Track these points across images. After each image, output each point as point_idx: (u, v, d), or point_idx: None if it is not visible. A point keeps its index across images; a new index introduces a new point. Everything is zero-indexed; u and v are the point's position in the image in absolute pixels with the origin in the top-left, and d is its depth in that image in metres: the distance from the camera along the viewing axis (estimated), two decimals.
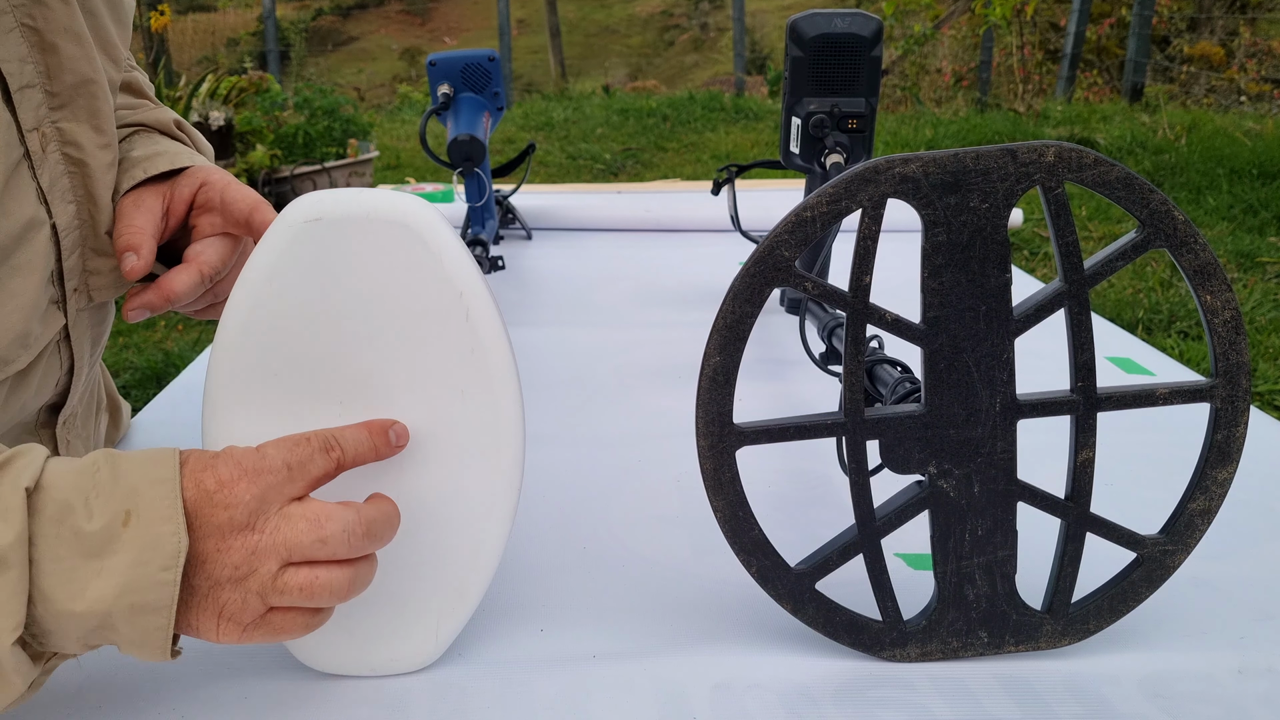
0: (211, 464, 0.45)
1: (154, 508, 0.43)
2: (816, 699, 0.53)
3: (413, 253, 0.50)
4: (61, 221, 0.59)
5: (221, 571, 0.44)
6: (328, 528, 0.45)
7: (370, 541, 0.47)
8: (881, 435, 0.53)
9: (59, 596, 0.42)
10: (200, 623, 0.45)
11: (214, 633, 0.45)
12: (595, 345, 1.03)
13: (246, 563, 0.44)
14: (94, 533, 0.42)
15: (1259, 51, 6.45)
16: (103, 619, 0.42)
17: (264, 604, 0.45)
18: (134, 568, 0.42)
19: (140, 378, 2.73)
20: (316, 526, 0.45)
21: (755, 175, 1.96)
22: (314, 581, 0.45)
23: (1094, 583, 0.56)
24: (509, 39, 7.09)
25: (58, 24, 0.56)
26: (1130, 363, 0.97)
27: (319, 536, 0.45)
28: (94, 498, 0.43)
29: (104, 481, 0.44)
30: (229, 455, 0.46)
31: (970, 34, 6.74)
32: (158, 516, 0.43)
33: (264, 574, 0.45)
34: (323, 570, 0.46)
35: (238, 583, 0.45)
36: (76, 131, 0.59)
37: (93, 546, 0.42)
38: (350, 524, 0.46)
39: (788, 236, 0.50)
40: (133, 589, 0.42)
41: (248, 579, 0.45)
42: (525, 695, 0.53)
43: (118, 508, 0.43)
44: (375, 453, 0.49)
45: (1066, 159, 0.50)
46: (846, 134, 0.96)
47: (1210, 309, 0.52)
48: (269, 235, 0.51)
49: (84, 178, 0.60)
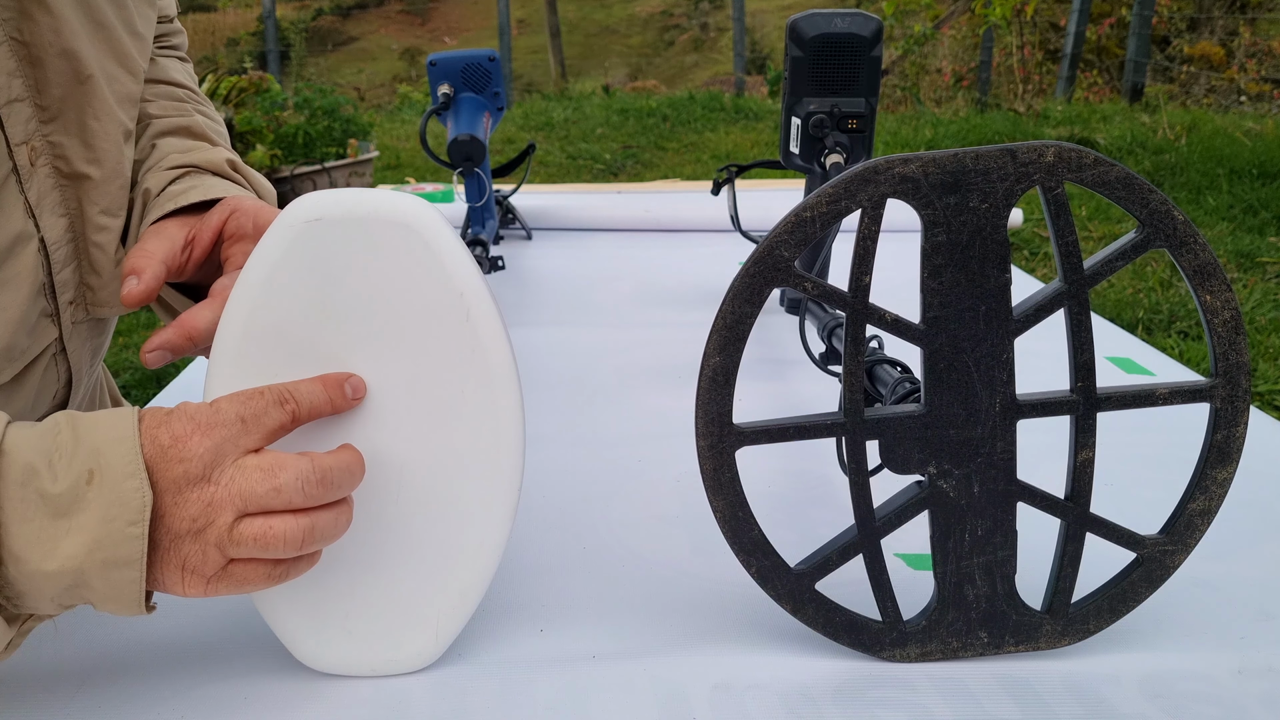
0: (165, 420, 0.46)
1: (116, 465, 0.44)
2: (816, 699, 0.53)
3: (413, 253, 0.50)
4: (52, 236, 0.58)
5: (180, 525, 0.45)
6: (281, 476, 0.46)
7: (327, 490, 0.47)
8: (881, 435, 0.53)
9: (30, 557, 0.43)
10: (165, 576, 0.46)
11: (180, 586, 0.46)
12: (595, 345, 1.03)
13: (203, 515, 0.45)
14: (59, 494, 0.43)
15: (1259, 51, 6.45)
16: (75, 576, 0.43)
17: (223, 556, 0.46)
18: (102, 524, 0.43)
19: (140, 378, 2.73)
20: (270, 475, 0.46)
21: (755, 175, 1.96)
22: (268, 531, 0.46)
23: (1094, 583, 0.56)
24: (509, 39, 7.09)
25: (44, 39, 0.56)
26: (1130, 363, 0.97)
27: (273, 486, 0.46)
28: (57, 459, 0.44)
29: (65, 443, 0.44)
30: (182, 411, 0.47)
31: (970, 34, 6.74)
32: (121, 473, 0.44)
33: (220, 525, 0.45)
34: (277, 520, 0.46)
35: (195, 535, 0.45)
36: (66, 145, 0.59)
37: (59, 506, 0.43)
38: (305, 472, 0.46)
39: (787, 236, 0.51)
40: (103, 545, 0.43)
41: (205, 531, 0.45)
42: (525, 695, 0.53)
43: (81, 467, 0.44)
44: (331, 405, 0.50)
45: (1066, 159, 0.50)
46: (846, 134, 0.96)
47: (1210, 309, 0.52)
48: (269, 235, 0.51)
49: (76, 191, 0.60)
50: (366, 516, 0.52)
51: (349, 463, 0.49)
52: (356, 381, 0.51)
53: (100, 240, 0.62)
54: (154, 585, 0.46)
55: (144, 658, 0.56)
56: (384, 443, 0.52)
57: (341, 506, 0.49)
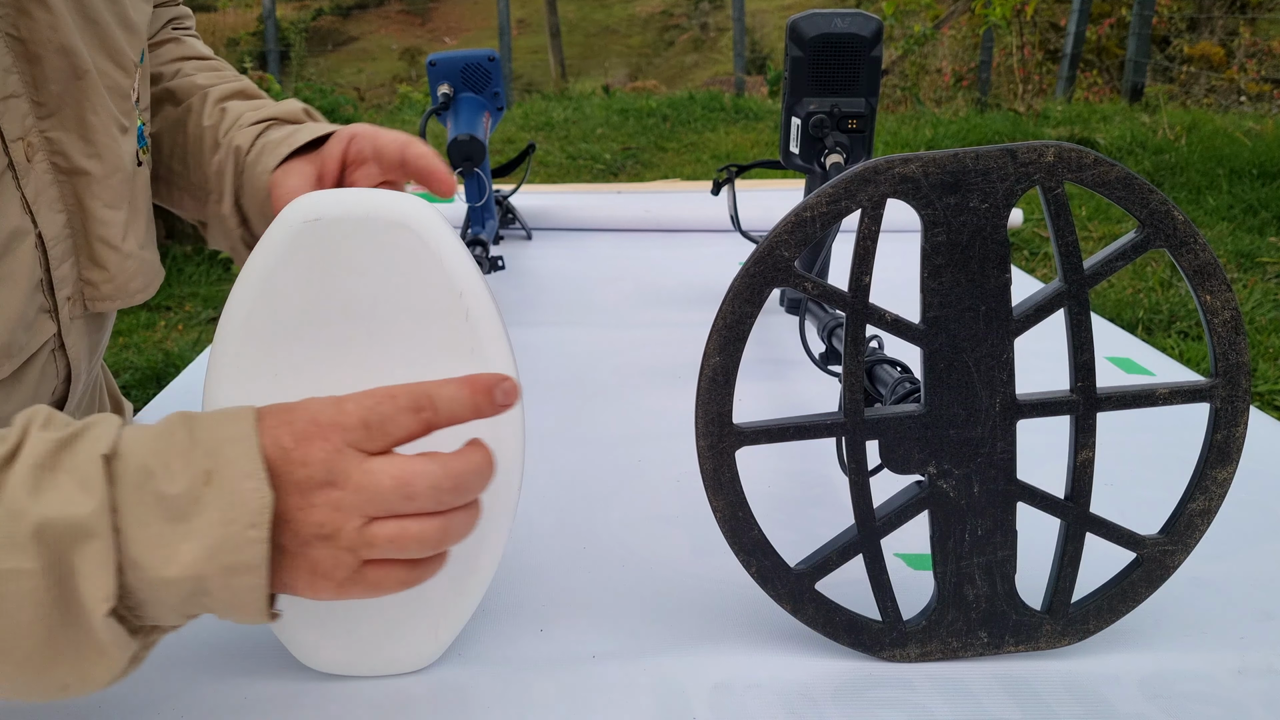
0: (288, 419, 0.44)
1: (233, 465, 0.42)
2: (816, 699, 0.53)
3: (413, 253, 0.50)
4: (49, 231, 0.58)
5: (306, 530, 0.43)
6: (416, 484, 0.43)
7: (459, 495, 0.45)
8: (881, 435, 0.53)
9: (150, 563, 0.41)
10: (295, 581, 0.44)
11: (310, 589, 0.44)
12: (595, 345, 1.03)
13: (330, 520, 0.43)
14: (177, 495, 0.41)
15: (1259, 51, 6.45)
16: (197, 583, 0.41)
17: (357, 559, 0.44)
18: (221, 526, 0.41)
19: (140, 378, 2.73)
20: (402, 483, 0.43)
21: (755, 175, 1.96)
22: (403, 533, 0.44)
23: (1094, 583, 0.56)
24: (509, 39, 7.09)
25: (42, 35, 0.56)
26: (1130, 363, 0.97)
27: (405, 493, 0.43)
28: (173, 460, 0.42)
29: (181, 443, 0.42)
30: (305, 409, 0.44)
31: (970, 34, 6.74)
32: (238, 473, 0.42)
33: (350, 530, 0.43)
34: (411, 521, 0.44)
35: (325, 539, 0.43)
36: (65, 141, 0.59)
37: (177, 510, 0.41)
38: (437, 478, 0.44)
39: (787, 236, 0.50)
40: (223, 549, 0.41)
41: (335, 536, 0.43)
42: (525, 695, 0.53)
43: (198, 468, 0.42)
44: (475, 412, 0.45)
45: (1066, 159, 0.50)
46: (846, 134, 0.96)
47: (1210, 309, 0.52)
48: (268, 235, 0.51)
49: (74, 187, 0.60)
50: None
51: (480, 464, 0.45)
52: (509, 386, 0.46)
53: (105, 234, 0.62)
54: (282, 589, 0.44)
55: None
56: None
57: (473, 505, 0.46)
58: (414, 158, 0.63)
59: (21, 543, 0.39)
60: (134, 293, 0.66)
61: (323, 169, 0.65)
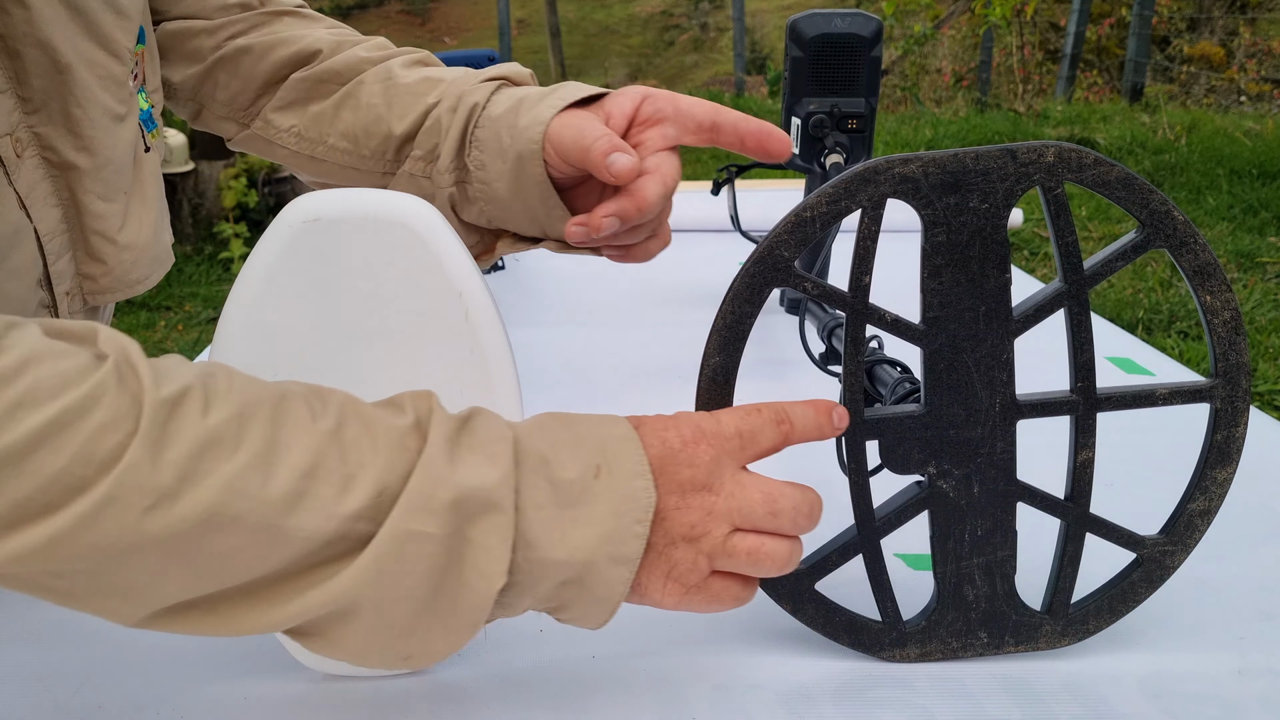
0: (673, 424, 0.47)
1: (625, 463, 0.45)
2: (816, 699, 0.53)
3: (412, 253, 0.50)
4: (45, 226, 0.58)
5: (678, 529, 0.46)
6: (781, 503, 0.47)
7: (810, 524, 0.49)
8: (881, 435, 0.53)
9: (542, 543, 0.43)
10: (648, 581, 0.46)
11: (659, 591, 0.47)
12: (595, 345, 1.03)
13: (702, 522, 0.46)
14: (570, 482, 0.44)
15: (1259, 51, 6.45)
16: (579, 569, 0.43)
17: (709, 566, 0.47)
18: (614, 518, 0.44)
19: None
20: (769, 499, 0.47)
21: (755, 175, 1.96)
22: (760, 548, 0.47)
23: (1094, 583, 0.56)
24: (509, 39, 7.09)
25: (18, 29, 0.55)
26: (1130, 363, 0.97)
27: (771, 509, 0.47)
28: (563, 450, 0.45)
29: (565, 437, 0.45)
30: (687, 417, 0.48)
31: (970, 34, 6.74)
32: (629, 471, 0.45)
33: (716, 535, 0.46)
34: (769, 539, 0.47)
35: (691, 542, 0.46)
36: (53, 135, 0.58)
37: (568, 496, 0.44)
38: (800, 502, 0.48)
39: (787, 237, 0.50)
40: (612, 539, 0.44)
41: (700, 539, 0.46)
42: (525, 695, 0.53)
43: (588, 461, 0.44)
44: (820, 432, 0.50)
45: (1066, 159, 0.50)
46: (846, 134, 0.96)
47: (1210, 309, 0.52)
48: (268, 235, 0.50)
49: (67, 181, 0.59)
50: None
51: (821, 502, 0.50)
52: (842, 412, 0.51)
53: (101, 228, 0.62)
54: (633, 590, 0.46)
55: (144, 658, 0.56)
56: None
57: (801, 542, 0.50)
58: (734, 120, 0.60)
59: (436, 508, 0.41)
60: (134, 283, 0.65)
61: (608, 122, 0.62)
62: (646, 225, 0.63)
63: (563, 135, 0.60)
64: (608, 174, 0.57)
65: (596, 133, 0.59)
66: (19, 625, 0.59)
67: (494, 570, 0.42)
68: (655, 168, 0.60)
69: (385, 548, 0.40)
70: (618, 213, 0.59)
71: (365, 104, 0.69)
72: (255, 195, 3.83)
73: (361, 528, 0.40)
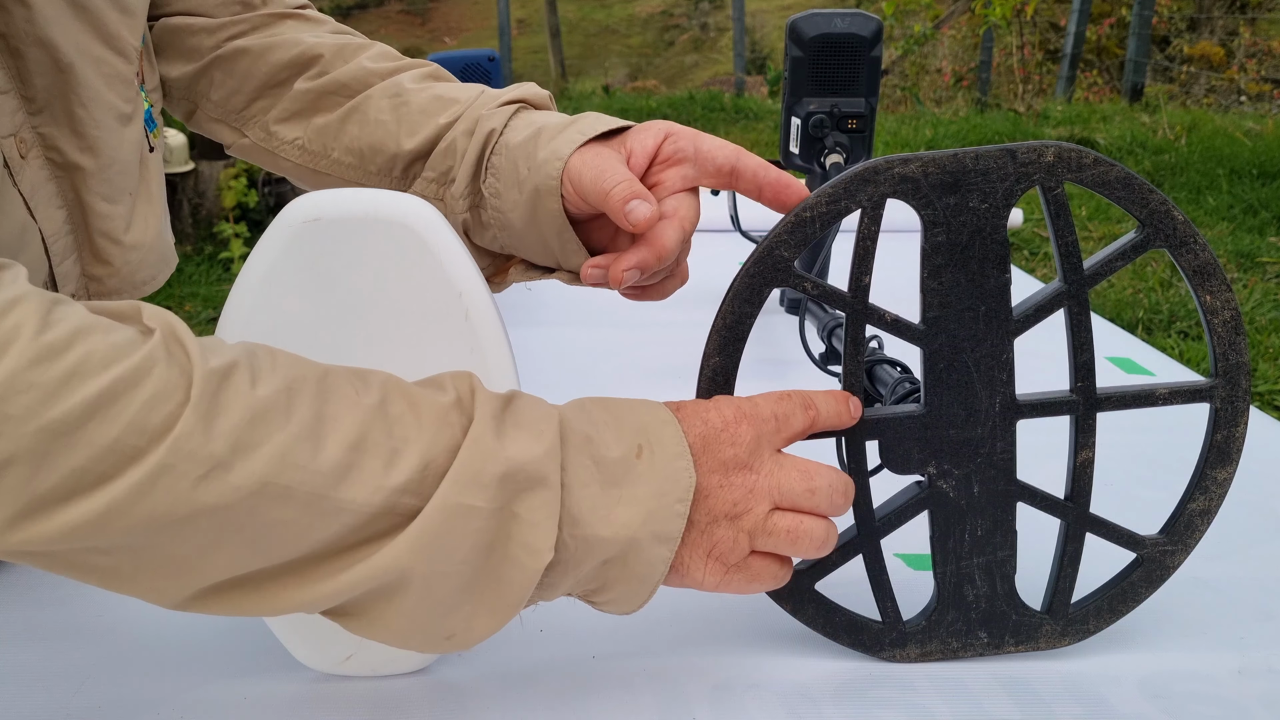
0: (713, 405, 0.49)
1: (667, 444, 0.46)
2: (816, 699, 0.53)
3: (412, 252, 0.50)
4: (50, 228, 0.58)
5: (720, 507, 0.47)
6: (817, 480, 0.49)
7: (846, 504, 0.50)
8: (881, 435, 0.53)
9: (588, 520, 0.44)
10: (690, 560, 0.47)
11: (701, 570, 0.47)
12: (595, 345, 1.03)
13: (743, 500, 0.47)
14: (614, 460, 0.45)
15: (1259, 51, 6.45)
16: (624, 546, 0.44)
17: (750, 545, 0.48)
18: (656, 498, 0.45)
19: None
20: (807, 478, 0.48)
21: None
22: (799, 526, 0.48)
23: (1094, 583, 0.56)
24: (509, 39, 7.09)
25: (19, 29, 0.55)
26: (1130, 363, 0.97)
27: (809, 487, 0.48)
28: (605, 431, 0.46)
29: (605, 419, 0.46)
30: (726, 400, 0.50)
31: (970, 34, 6.74)
32: (671, 452, 0.46)
33: (757, 514, 0.47)
34: (808, 519, 0.49)
35: (733, 520, 0.47)
36: (57, 136, 0.58)
37: (612, 475, 0.45)
38: (836, 481, 0.49)
39: (787, 237, 0.50)
40: (655, 518, 0.45)
41: (742, 517, 0.47)
42: (525, 695, 0.53)
43: (630, 442, 0.46)
44: (840, 419, 0.51)
45: (1066, 159, 0.50)
46: (846, 134, 0.96)
47: (1210, 309, 0.52)
48: (268, 236, 0.50)
49: (72, 182, 0.59)
50: None
51: (853, 483, 0.51)
52: (857, 401, 0.52)
53: (106, 229, 0.61)
54: (673, 571, 0.47)
55: (144, 658, 0.56)
56: None
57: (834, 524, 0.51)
58: (754, 167, 0.59)
59: (486, 482, 0.41)
60: (140, 284, 0.65)
61: (630, 161, 0.60)
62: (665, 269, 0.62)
63: (583, 175, 0.58)
64: (626, 222, 0.55)
65: (618, 177, 0.57)
66: (19, 625, 0.59)
67: (542, 545, 0.42)
68: (674, 211, 0.59)
69: (434, 520, 0.41)
70: (638, 265, 0.57)
71: (373, 119, 0.68)
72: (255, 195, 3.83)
73: (408, 501, 0.41)
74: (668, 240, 0.57)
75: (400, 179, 0.68)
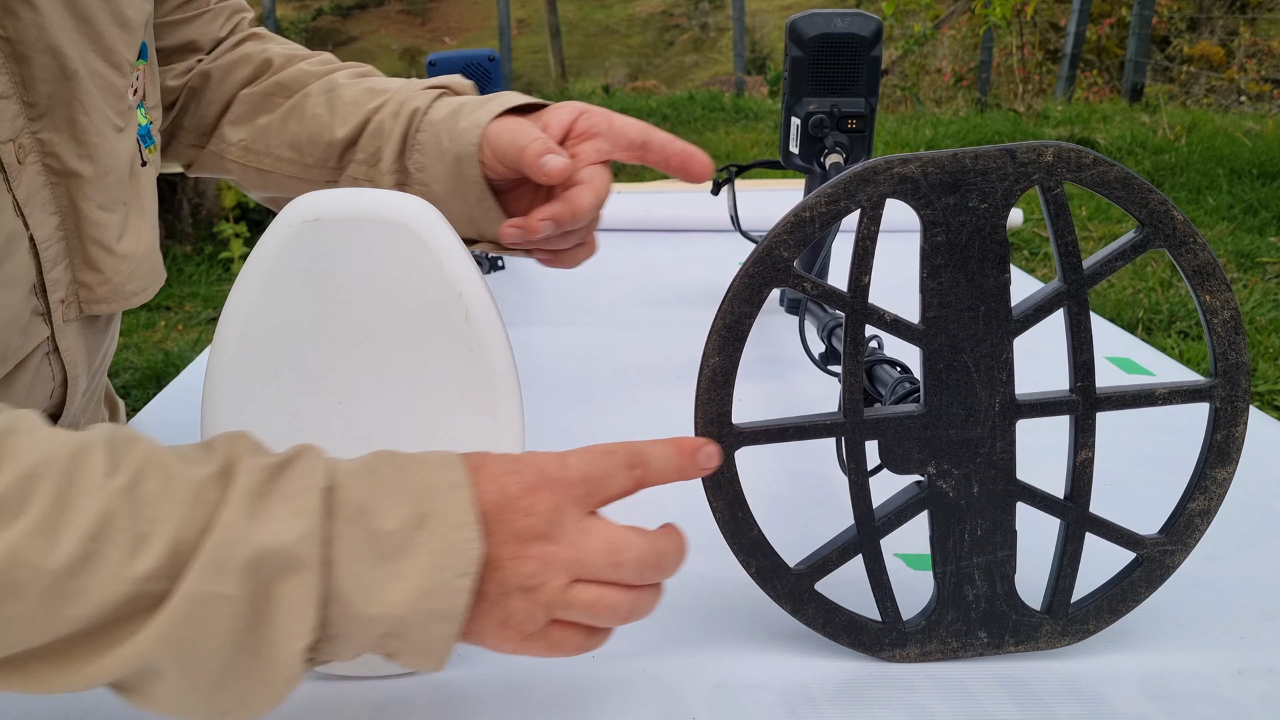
0: (514, 468, 0.45)
1: (450, 512, 0.42)
2: (816, 699, 0.53)
3: (412, 252, 0.50)
4: (42, 234, 0.58)
5: (513, 580, 0.43)
6: (625, 554, 0.45)
7: (657, 574, 0.46)
8: (881, 435, 0.53)
9: (356, 599, 0.41)
10: (482, 629, 0.44)
11: (495, 639, 0.45)
12: (595, 345, 1.03)
13: (539, 573, 0.43)
14: (390, 533, 0.41)
15: (1259, 51, 6.46)
16: (396, 624, 0.41)
17: (547, 616, 0.44)
18: (432, 572, 0.41)
19: (140, 378, 2.73)
20: (613, 551, 0.45)
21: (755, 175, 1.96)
22: (601, 599, 0.45)
23: (1094, 583, 0.56)
24: (509, 39, 7.09)
25: (29, 35, 0.55)
26: (1130, 363, 0.97)
27: (614, 561, 0.44)
28: (386, 499, 0.42)
29: (392, 483, 0.43)
30: (532, 460, 0.45)
31: (970, 34, 6.74)
32: (454, 521, 0.42)
33: (554, 586, 0.44)
34: (610, 591, 0.45)
35: (528, 592, 0.44)
36: (56, 142, 0.58)
37: (387, 548, 0.41)
38: (644, 553, 0.45)
39: (786, 237, 0.50)
40: (431, 594, 0.41)
41: (538, 590, 0.44)
42: (525, 695, 0.53)
43: (411, 510, 0.42)
44: (681, 473, 0.48)
45: (1065, 159, 0.50)
46: (846, 134, 0.96)
47: (1210, 309, 0.52)
48: (267, 235, 0.50)
49: (68, 189, 0.59)
50: None
51: (680, 549, 0.47)
52: (712, 450, 0.49)
53: (99, 236, 0.62)
54: (464, 637, 0.44)
55: None
56: (383, 443, 0.51)
57: (659, 588, 0.48)
58: (662, 141, 0.63)
59: (232, 569, 0.39)
60: (130, 295, 0.65)
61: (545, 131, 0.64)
62: (577, 233, 0.66)
63: (500, 137, 0.62)
64: (541, 174, 0.60)
65: (532, 135, 0.61)
66: None
67: (300, 629, 0.40)
68: (589, 179, 0.63)
69: (180, 610, 0.38)
70: (553, 217, 0.61)
71: (310, 114, 0.71)
72: None
73: (156, 587, 0.39)
74: (582, 201, 0.62)
75: (335, 167, 0.71)
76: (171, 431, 0.86)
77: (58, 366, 0.62)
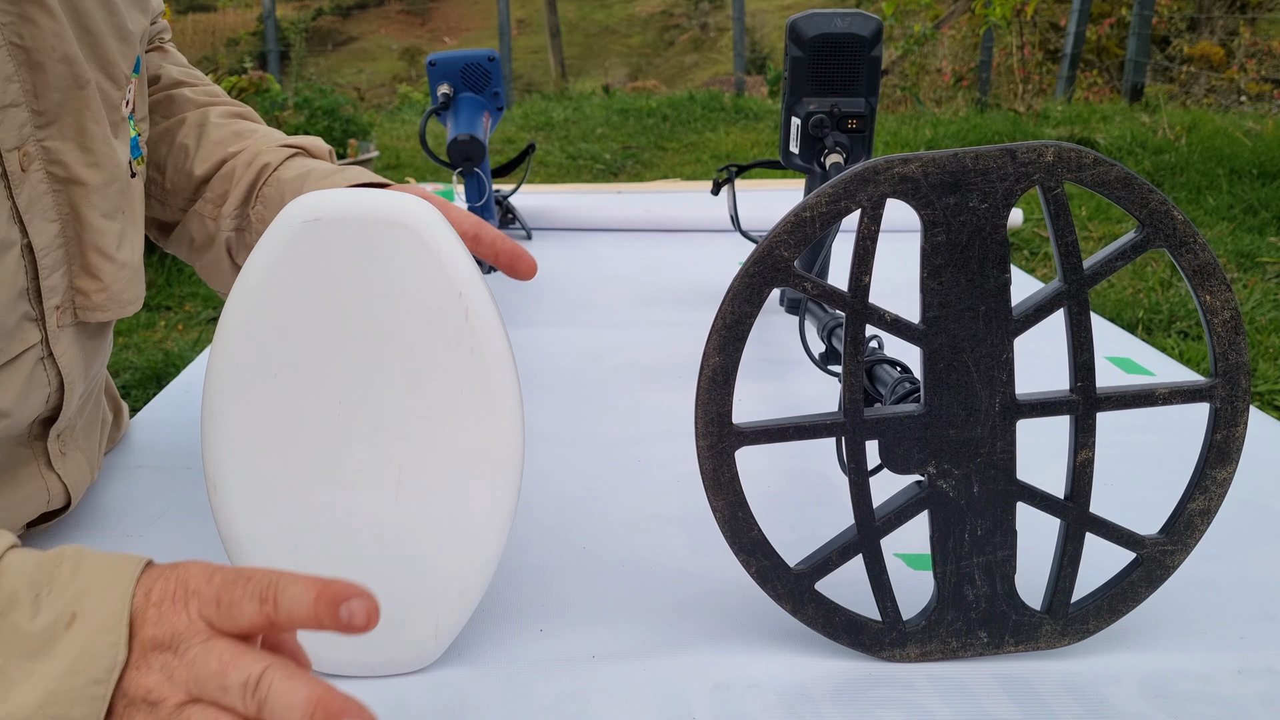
0: (167, 574, 0.42)
1: (99, 614, 0.40)
2: (816, 699, 0.53)
3: (412, 252, 0.50)
4: (41, 240, 0.58)
5: (136, 691, 0.41)
6: (230, 677, 0.40)
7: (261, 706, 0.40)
8: (881, 435, 0.53)
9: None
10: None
11: None
12: (595, 345, 1.03)
13: (158, 688, 0.41)
14: (35, 633, 0.40)
15: (1259, 51, 6.46)
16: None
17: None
18: (64, 678, 0.39)
19: (140, 378, 2.73)
20: (222, 673, 0.40)
21: (755, 175, 1.96)
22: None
23: (1094, 583, 0.56)
24: (509, 39, 7.09)
25: (45, 43, 0.55)
26: (1130, 363, 0.97)
27: (221, 683, 0.40)
28: (45, 594, 0.41)
29: (61, 578, 0.41)
30: (186, 569, 0.43)
31: (970, 34, 6.74)
32: (101, 625, 0.40)
33: (169, 704, 0.41)
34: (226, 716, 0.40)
35: (149, 707, 0.41)
36: (63, 150, 0.58)
37: (32, 646, 0.40)
38: (248, 680, 0.40)
39: (787, 236, 0.50)
40: (56, 700, 0.39)
41: (158, 705, 0.41)
42: (525, 695, 0.53)
43: (64, 608, 0.40)
44: (314, 621, 0.41)
45: (1066, 159, 0.50)
46: (846, 134, 0.96)
47: (1210, 309, 0.52)
48: (267, 236, 0.51)
49: (70, 196, 0.60)
50: (366, 517, 0.52)
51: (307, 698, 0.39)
52: (357, 606, 0.41)
53: (100, 244, 0.62)
54: None
55: None
56: (383, 443, 0.52)
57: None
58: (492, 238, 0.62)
59: None
60: (126, 303, 0.65)
61: None
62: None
63: None
64: None
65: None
66: None
67: None
68: None
69: None
70: None
71: (179, 143, 0.75)
72: None
73: None
74: None
75: (189, 199, 0.75)
76: (172, 431, 0.86)
77: (53, 372, 0.62)
